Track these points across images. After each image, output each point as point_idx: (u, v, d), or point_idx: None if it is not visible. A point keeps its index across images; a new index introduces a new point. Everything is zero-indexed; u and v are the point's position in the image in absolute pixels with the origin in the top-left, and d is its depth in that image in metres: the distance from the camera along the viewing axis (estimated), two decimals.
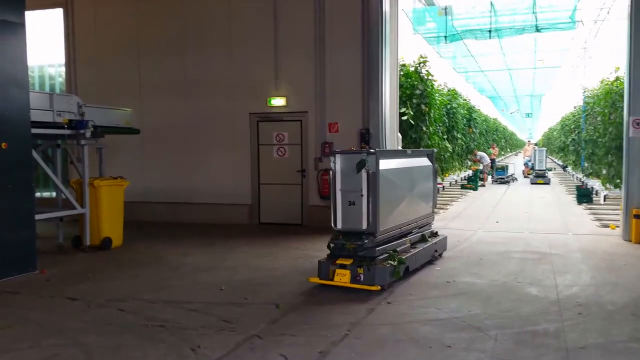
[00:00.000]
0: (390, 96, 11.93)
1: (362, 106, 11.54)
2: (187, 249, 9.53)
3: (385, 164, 6.74)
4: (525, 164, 28.60)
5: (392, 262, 6.67)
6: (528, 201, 17.25)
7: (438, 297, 6.42)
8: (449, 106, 21.79)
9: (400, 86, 14.15)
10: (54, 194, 11.22)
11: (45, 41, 13.98)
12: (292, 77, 12.09)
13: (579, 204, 15.65)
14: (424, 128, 16.11)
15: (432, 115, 16.93)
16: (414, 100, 15.83)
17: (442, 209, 15.05)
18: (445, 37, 18.88)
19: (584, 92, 24.24)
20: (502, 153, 46.91)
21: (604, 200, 15.70)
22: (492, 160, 26.58)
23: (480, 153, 25.60)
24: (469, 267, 7.95)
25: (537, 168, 24.45)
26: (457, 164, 24.65)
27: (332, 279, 6.60)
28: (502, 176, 24.81)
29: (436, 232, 8.67)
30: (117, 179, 9.84)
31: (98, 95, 12.16)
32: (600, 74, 20.36)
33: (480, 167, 24.25)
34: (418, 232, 7.95)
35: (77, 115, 9.16)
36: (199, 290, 6.83)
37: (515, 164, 30.61)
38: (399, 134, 13.00)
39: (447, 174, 22.31)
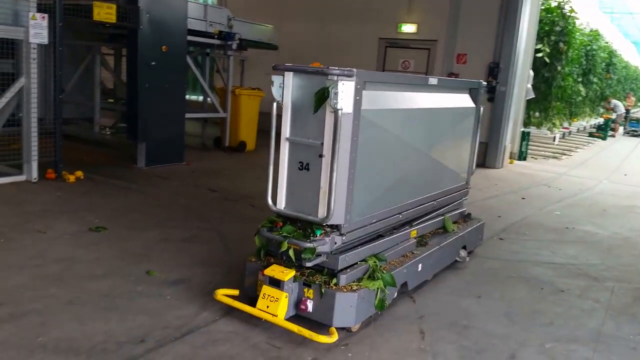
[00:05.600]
0: (528, 30, 10.94)
1: (495, 38, 10.72)
2: None
3: (374, 100, 3.53)
4: None
5: (371, 285, 3.51)
6: None
7: (554, 241, 6.08)
8: (588, 47, 19.69)
9: (540, 21, 12.92)
10: (199, 98, 11.84)
11: None
12: (425, 3, 11.45)
13: None
14: (559, 68, 14.79)
15: (569, 55, 15.44)
16: (552, 37, 14.47)
17: (564, 154, 14.00)
18: None
19: None
20: (639, 104, 42.11)
21: None
22: (627, 111, 23.92)
23: (614, 101, 23.13)
24: (590, 217, 7.38)
25: None
26: (588, 109, 22.60)
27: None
28: (635, 128, 22.36)
29: (468, 215, 5.35)
30: (255, 89, 10.16)
31: (244, 10, 12.36)
32: None
33: (613, 117, 21.98)
34: (435, 217, 4.69)
35: (226, 27, 9.40)
36: None
37: None
38: (531, 71, 12.04)
39: (575, 119, 20.58)
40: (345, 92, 3.19)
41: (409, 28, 11.67)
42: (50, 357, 2.98)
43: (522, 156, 11.95)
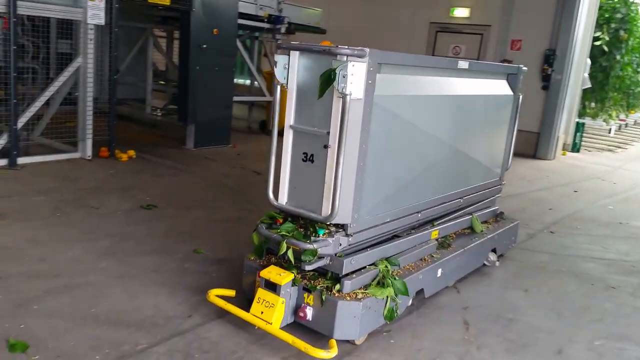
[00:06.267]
0: (587, 17, 10.48)
1: (552, 25, 10.34)
2: None
3: (391, 84, 3.15)
4: None
5: (379, 293, 3.14)
6: None
7: (606, 237, 5.86)
8: None
9: (599, 7, 12.36)
10: (246, 81, 11.94)
11: None
12: None
13: None
14: (618, 57, 14.15)
15: (630, 43, 14.71)
16: (612, 25, 13.86)
17: (620, 147, 13.42)
18: None
19: None
20: None
21: None
22: None
23: None
24: None
25: None
26: None
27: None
28: None
29: (501, 214, 4.86)
30: None
31: None
32: None
33: None
34: (461, 217, 4.26)
35: (276, 11, 9.40)
36: None
37: None
38: (589, 60, 11.56)
39: (633, 111, 19.64)
40: (355, 75, 2.78)
41: (461, 12, 11.39)
42: (102, 328, 3.10)
43: (575, 148, 11.53)
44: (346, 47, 2.78)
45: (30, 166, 6.17)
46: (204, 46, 7.61)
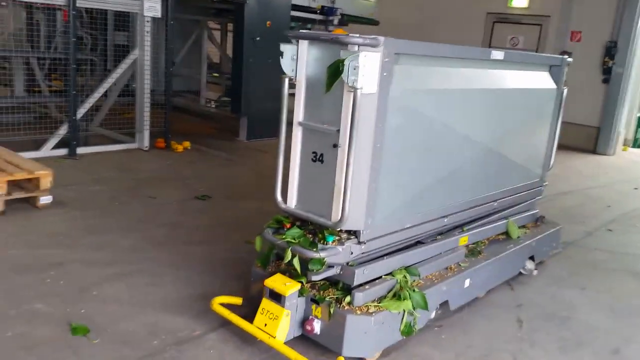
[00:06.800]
0: None
1: (614, 16, 9.88)
2: None
3: (412, 77, 2.91)
4: None
5: (394, 306, 2.88)
6: None
7: None
8: None
9: None
10: None
11: None
12: None
13: None
14: None
15: None
16: None
17: None
18: None
19: None
20: None
21: None
22: None
23: None
24: None
25: None
26: None
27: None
28: None
29: (541, 218, 4.50)
30: None
31: None
32: None
33: None
34: (495, 221, 3.95)
35: (328, 2, 9.37)
36: None
37: None
38: None
39: None
40: (367, 67, 2.51)
41: (520, 2, 11.05)
42: (158, 314, 3.22)
43: (636, 143, 11.01)
44: (357, 35, 2.57)
45: (88, 156, 6.43)
46: (258, 39, 7.68)
